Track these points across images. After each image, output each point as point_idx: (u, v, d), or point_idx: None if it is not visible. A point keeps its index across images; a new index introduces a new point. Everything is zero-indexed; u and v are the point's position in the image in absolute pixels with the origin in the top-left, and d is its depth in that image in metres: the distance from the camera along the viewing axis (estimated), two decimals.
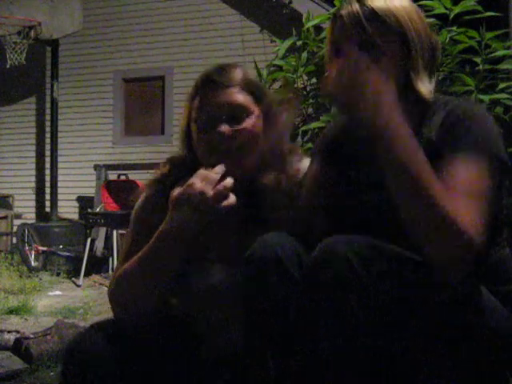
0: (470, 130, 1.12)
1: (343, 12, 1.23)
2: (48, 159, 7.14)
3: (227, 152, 1.28)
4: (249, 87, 1.34)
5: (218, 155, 1.29)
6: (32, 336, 2.83)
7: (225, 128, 1.28)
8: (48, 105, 7.21)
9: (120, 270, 1.30)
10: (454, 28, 2.33)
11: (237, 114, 1.30)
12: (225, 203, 1.20)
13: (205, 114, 1.31)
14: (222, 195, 1.20)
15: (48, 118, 7.18)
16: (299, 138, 2.59)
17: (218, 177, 1.22)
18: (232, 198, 1.21)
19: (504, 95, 2.23)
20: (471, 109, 1.18)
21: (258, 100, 1.34)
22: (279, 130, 1.36)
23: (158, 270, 1.25)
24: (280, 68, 2.65)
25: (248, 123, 1.31)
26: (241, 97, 1.32)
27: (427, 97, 1.20)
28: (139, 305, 1.26)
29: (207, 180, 1.21)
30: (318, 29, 2.91)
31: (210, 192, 1.19)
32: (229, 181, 1.22)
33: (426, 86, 1.21)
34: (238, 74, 1.35)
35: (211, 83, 1.33)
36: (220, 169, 1.23)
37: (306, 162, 1.37)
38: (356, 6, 1.21)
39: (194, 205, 1.20)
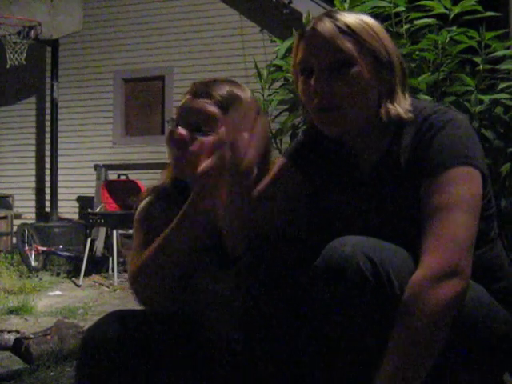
0: (444, 148, 1.11)
1: (314, 29, 1.17)
2: (48, 159, 7.14)
3: (182, 154, 1.32)
4: (223, 104, 1.32)
5: (174, 153, 1.33)
6: (32, 336, 2.83)
7: (181, 130, 1.32)
8: (48, 105, 7.21)
9: (141, 259, 1.31)
10: (454, 28, 2.32)
11: (201, 124, 1.32)
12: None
13: (178, 115, 1.36)
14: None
15: (48, 117, 7.18)
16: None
17: None
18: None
19: (504, 95, 2.22)
20: (440, 122, 1.13)
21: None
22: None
23: (174, 253, 1.26)
24: (280, 68, 2.64)
25: (207, 139, 1.31)
26: (211, 109, 1.32)
27: (404, 117, 1.17)
28: (155, 295, 1.29)
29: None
30: None
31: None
32: None
33: (402, 107, 1.17)
34: (220, 90, 1.34)
35: (192, 91, 1.36)
36: None
37: None
38: (328, 22, 1.16)
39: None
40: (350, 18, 1.17)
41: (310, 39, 1.17)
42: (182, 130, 1.32)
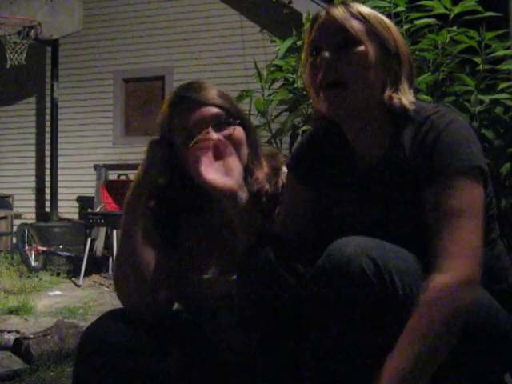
0: (451, 150, 1.11)
1: (327, 12, 1.21)
2: (48, 159, 7.14)
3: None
4: (222, 101, 1.37)
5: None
6: (32, 336, 2.83)
7: (214, 135, 1.32)
8: (48, 105, 7.21)
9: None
10: (454, 28, 2.32)
11: (220, 121, 1.35)
12: None
13: (192, 129, 1.35)
14: None
15: (48, 118, 7.18)
16: (300, 138, 2.58)
17: None
18: None
19: (504, 95, 2.23)
20: (442, 123, 1.14)
21: (232, 111, 1.38)
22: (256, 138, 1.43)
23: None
24: (280, 68, 2.65)
25: (235, 129, 1.35)
26: (216, 111, 1.36)
27: (408, 108, 1.19)
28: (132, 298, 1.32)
29: None
30: None
31: None
32: None
33: (408, 98, 1.19)
34: (209, 93, 1.37)
35: (187, 101, 1.38)
36: None
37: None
38: (342, 8, 1.21)
39: None
40: (364, 8, 1.22)
41: (322, 22, 1.22)
42: (215, 135, 1.32)
